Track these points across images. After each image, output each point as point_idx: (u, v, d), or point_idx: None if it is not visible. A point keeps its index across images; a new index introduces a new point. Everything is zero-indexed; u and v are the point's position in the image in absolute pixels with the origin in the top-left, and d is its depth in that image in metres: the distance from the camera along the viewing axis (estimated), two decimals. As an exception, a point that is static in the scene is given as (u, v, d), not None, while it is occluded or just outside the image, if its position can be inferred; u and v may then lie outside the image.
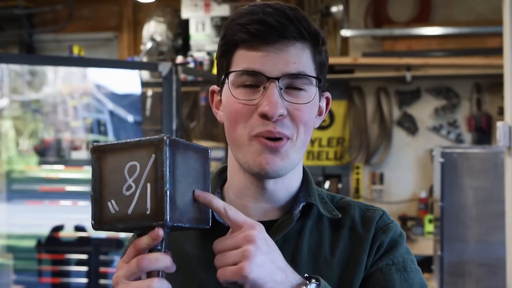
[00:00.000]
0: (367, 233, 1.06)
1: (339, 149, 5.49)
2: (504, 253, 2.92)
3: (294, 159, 1.03)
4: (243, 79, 1.01)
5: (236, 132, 1.03)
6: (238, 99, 1.01)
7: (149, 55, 5.12)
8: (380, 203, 5.40)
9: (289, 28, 1.00)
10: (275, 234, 1.03)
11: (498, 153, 3.72)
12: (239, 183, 1.08)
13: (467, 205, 3.82)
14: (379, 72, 5.25)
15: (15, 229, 4.47)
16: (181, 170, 0.88)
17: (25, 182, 4.60)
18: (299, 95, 1.02)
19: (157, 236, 0.86)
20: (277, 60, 1.00)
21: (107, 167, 0.89)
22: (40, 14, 6.11)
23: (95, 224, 0.89)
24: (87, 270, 4.11)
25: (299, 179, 1.11)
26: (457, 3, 5.36)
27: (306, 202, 1.07)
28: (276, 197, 1.07)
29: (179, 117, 3.25)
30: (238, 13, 1.03)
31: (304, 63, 1.02)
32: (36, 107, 4.92)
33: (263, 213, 1.08)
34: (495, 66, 4.64)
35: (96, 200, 0.90)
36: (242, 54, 1.02)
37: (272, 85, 0.99)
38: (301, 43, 1.02)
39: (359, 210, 1.10)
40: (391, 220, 1.10)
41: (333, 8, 5.15)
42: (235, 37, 1.02)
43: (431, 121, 5.42)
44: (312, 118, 1.05)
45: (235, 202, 1.08)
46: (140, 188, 0.87)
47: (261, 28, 0.99)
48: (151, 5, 5.57)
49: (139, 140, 0.88)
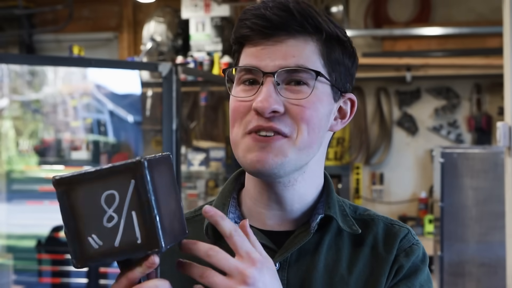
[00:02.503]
0: (388, 254, 1.00)
1: (339, 149, 5.49)
2: (504, 253, 2.92)
3: (293, 159, 0.95)
4: (242, 76, 0.98)
5: (234, 131, 0.98)
6: (236, 97, 0.98)
7: (149, 55, 5.12)
8: (380, 203, 5.40)
9: (290, 22, 0.95)
10: (290, 247, 0.98)
11: (498, 153, 3.72)
12: (253, 188, 1.02)
13: (467, 205, 3.82)
14: (379, 72, 5.26)
15: (15, 229, 4.47)
16: (160, 189, 0.83)
17: (25, 182, 4.60)
18: (300, 90, 0.95)
19: (153, 264, 0.81)
20: (274, 53, 0.95)
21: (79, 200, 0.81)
22: (40, 14, 6.11)
23: (77, 262, 0.82)
24: (87, 270, 4.11)
25: (316, 188, 1.03)
26: (457, 3, 5.36)
27: (324, 214, 1.00)
28: (289, 204, 1.01)
29: (179, 117, 3.25)
30: (244, 10, 1.00)
31: (306, 57, 0.95)
32: (36, 107, 4.91)
33: (278, 223, 1.02)
34: (495, 66, 4.64)
35: (73, 237, 0.82)
36: (245, 51, 0.99)
37: (267, 80, 0.94)
38: (303, 37, 0.96)
39: (383, 226, 1.03)
40: (416, 240, 1.03)
41: (333, 8, 5.15)
42: (237, 34, 0.99)
43: (431, 121, 5.42)
44: (317, 117, 0.96)
45: (252, 209, 1.03)
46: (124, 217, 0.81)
47: (259, 22, 0.95)
48: (151, 5, 5.57)
49: (112, 167, 0.81)
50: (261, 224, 1.02)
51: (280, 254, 0.98)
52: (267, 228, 1.02)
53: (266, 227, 1.02)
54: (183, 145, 4.66)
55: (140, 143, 5.02)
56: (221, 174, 4.63)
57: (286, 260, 0.98)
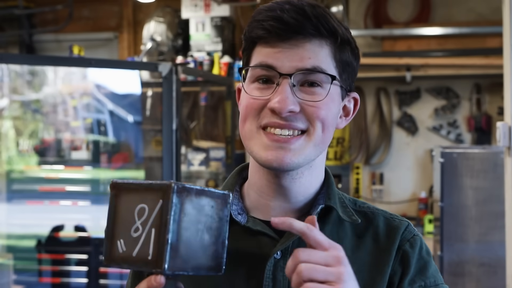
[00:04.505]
0: (391, 245, 1.05)
1: (339, 149, 5.49)
2: (504, 253, 2.92)
3: (309, 155, 1.01)
4: (256, 72, 1.01)
5: (246, 126, 1.02)
6: (251, 95, 1.01)
7: (149, 55, 5.12)
8: (380, 203, 5.40)
9: (306, 25, 0.98)
10: (291, 236, 1.01)
11: (498, 153, 3.72)
12: (259, 181, 1.06)
13: (467, 205, 3.83)
14: (379, 72, 5.25)
15: (15, 229, 4.47)
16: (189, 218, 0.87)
17: (25, 182, 4.60)
18: (315, 92, 1.00)
19: (157, 284, 0.84)
20: (291, 56, 0.99)
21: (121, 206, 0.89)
22: (40, 14, 6.11)
23: (105, 260, 0.90)
24: (87, 270, 4.11)
25: (319, 180, 1.08)
26: (457, 3, 5.36)
27: (325, 205, 1.05)
28: (294, 196, 1.05)
29: (179, 117, 3.25)
30: (258, 10, 1.02)
31: (321, 60, 1.00)
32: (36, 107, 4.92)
33: (283, 213, 1.05)
34: (495, 66, 4.64)
35: (108, 236, 0.90)
36: (259, 50, 1.01)
37: (284, 82, 0.98)
38: (319, 40, 1.00)
39: (383, 219, 1.08)
40: (416, 231, 1.09)
41: (333, 8, 5.15)
42: (252, 34, 1.01)
43: (431, 121, 5.42)
44: (330, 116, 1.02)
45: (257, 201, 1.07)
46: (146, 231, 0.86)
47: (276, 25, 0.98)
48: (151, 5, 5.57)
49: (151, 183, 0.87)
50: (265, 216, 1.06)
51: (282, 243, 1.02)
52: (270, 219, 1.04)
53: (269, 218, 1.04)
54: (183, 145, 4.66)
55: (140, 143, 5.02)
56: (221, 174, 4.63)
57: (287, 248, 1.01)
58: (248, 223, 1.04)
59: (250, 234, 1.04)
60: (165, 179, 2.93)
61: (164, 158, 3.30)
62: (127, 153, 5.02)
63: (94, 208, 4.39)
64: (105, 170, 4.70)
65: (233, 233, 0.97)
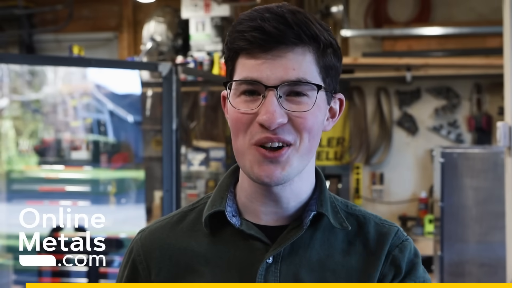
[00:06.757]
0: (380, 251, 1.06)
1: (339, 149, 5.49)
2: (504, 253, 2.92)
3: (296, 167, 1.01)
4: (242, 88, 1.00)
5: (238, 141, 1.02)
6: (238, 109, 1.00)
7: (149, 55, 5.12)
8: (380, 203, 5.40)
9: (288, 34, 0.97)
10: (283, 242, 1.02)
11: (498, 153, 3.72)
12: (249, 187, 1.06)
13: (467, 205, 3.82)
14: (379, 72, 5.25)
15: (15, 229, 4.46)
16: None
17: (25, 182, 4.60)
18: (301, 102, 1.00)
19: None
20: (275, 68, 0.98)
21: None
22: (40, 14, 6.11)
23: None
24: (87, 270, 4.11)
25: (310, 186, 1.08)
26: (457, 3, 5.36)
27: (317, 212, 1.05)
28: (285, 203, 1.05)
29: (179, 117, 3.25)
30: (238, 19, 1.01)
31: (305, 69, 0.99)
32: (36, 107, 4.91)
33: (274, 218, 1.06)
34: (495, 66, 4.64)
35: None
36: (242, 62, 1.00)
37: (270, 94, 0.98)
38: (301, 48, 0.99)
39: (374, 225, 1.09)
40: (405, 236, 1.10)
41: (333, 8, 5.15)
42: (234, 45, 1.01)
43: (431, 121, 5.42)
44: (317, 124, 1.02)
45: (247, 205, 1.07)
46: None
47: (258, 35, 0.97)
48: (151, 5, 5.57)
49: None
50: (257, 219, 1.06)
51: (274, 248, 1.03)
52: (262, 223, 1.06)
53: (261, 222, 1.06)
54: (183, 145, 4.66)
55: (140, 143, 5.02)
56: (221, 174, 4.63)
57: (279, 254, 1.03)
58: (242, 226, 1.05)
59: (243, 237, 1.04)
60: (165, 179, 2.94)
61: (164, 158, 3.30)
62: (127, 153, 5.01)
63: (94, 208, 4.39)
64: (105, 170, 4.69)
65: (227, 235, 0.98)
